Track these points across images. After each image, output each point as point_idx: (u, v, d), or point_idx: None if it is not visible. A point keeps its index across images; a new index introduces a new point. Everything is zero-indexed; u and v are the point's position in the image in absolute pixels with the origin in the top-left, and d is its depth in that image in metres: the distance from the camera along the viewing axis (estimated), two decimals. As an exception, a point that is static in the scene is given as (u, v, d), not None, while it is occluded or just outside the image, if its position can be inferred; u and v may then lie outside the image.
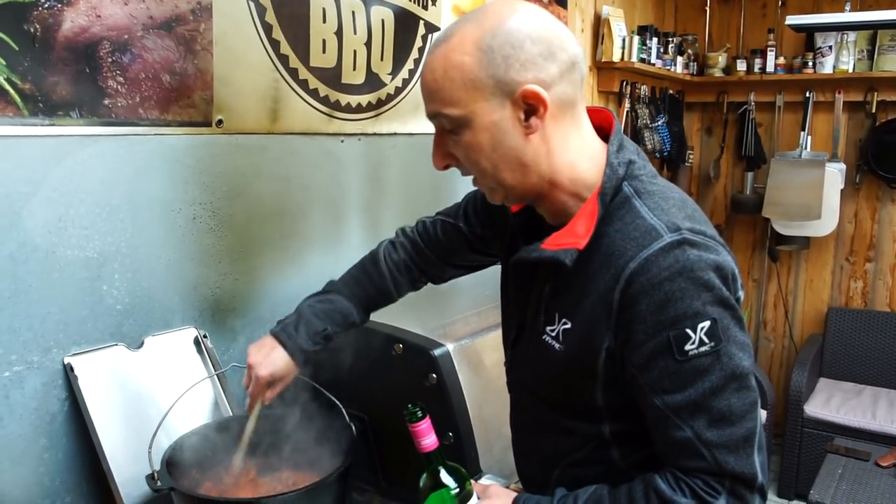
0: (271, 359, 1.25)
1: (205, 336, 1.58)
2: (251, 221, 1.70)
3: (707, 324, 0.89)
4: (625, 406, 0.98)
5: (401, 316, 1.62)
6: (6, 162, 1.25)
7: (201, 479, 1.36)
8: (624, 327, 0.93)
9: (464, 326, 1.62)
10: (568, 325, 1.00)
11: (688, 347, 0.89)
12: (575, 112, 0.98)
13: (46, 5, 1.25)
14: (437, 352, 1.36)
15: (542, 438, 1.12)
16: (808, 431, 3.37)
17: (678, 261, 0.90)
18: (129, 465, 1.33)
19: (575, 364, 0.99)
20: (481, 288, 1.70)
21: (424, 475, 1.01)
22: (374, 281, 1.34)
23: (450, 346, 1.42)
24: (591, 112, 1.06)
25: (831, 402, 3.42)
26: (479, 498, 1.03)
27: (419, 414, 0.99)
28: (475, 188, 1.07)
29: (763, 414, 3.14)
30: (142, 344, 1.48)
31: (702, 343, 0.89)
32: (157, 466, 1.23)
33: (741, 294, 0.98)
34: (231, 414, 1.55)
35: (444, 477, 1.00)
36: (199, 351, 1.57)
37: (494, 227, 1.27)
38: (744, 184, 3.91)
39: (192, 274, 1.58)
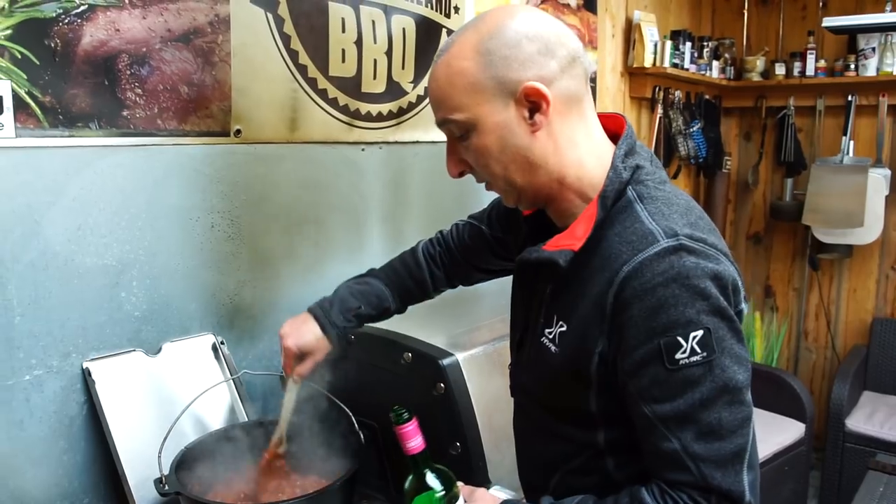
0: (300, 331, 1.27)
1: (222, 343, 1.61)
2: (270, 230, 1.72)
3: (700, 333, 0.87)
4: (618, 414, 0.97)
5: (424, 320, 1.63)
6: (27, 172, 1.29)
7: (213, 482, 1.38)
8: (617, 332, 0.92)
9: (487, 333, 1.61)
10: (564, 328, 0.99)
11: (678, 356, 0.87)
12: (581, 108, 0.99)
13: (66, 20, 1.30)
14: (445, 361, 1.36)
15: (541, 444, 1.11)
16: (849, 447, 3.25)
17: (673, 267, 0.88)
18: (143, 468, 1.36)
19: (569, 367, 0.99)
20: (507, 294, 1.69)
21: (410, 478, 1.00)
22: (411, 271, 1.37)
23: (460, 356, 1.41)
24: (606, 118, 1.06)
25: (875, 417, 3.30)
26: (465, 501, 1.02)
27: (405, 416, 0.98)
28: None
29: (801, 427, 3.06)
30: (160, 350, 1.51)
31: (693, 352, 0.87)
32: (167, 471, 1.25)
33: (744, 307, 0.95)
34: (246, 419, 1.56)
35: (430, 479, 0.99)
36: (217, 357, 1.60)
37: (512, 231, 1.28)
38: (783, 190, 3.81)
39: (210, 281, 1.60)
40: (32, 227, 1.30)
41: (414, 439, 0.99)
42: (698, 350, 0.87)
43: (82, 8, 1.31)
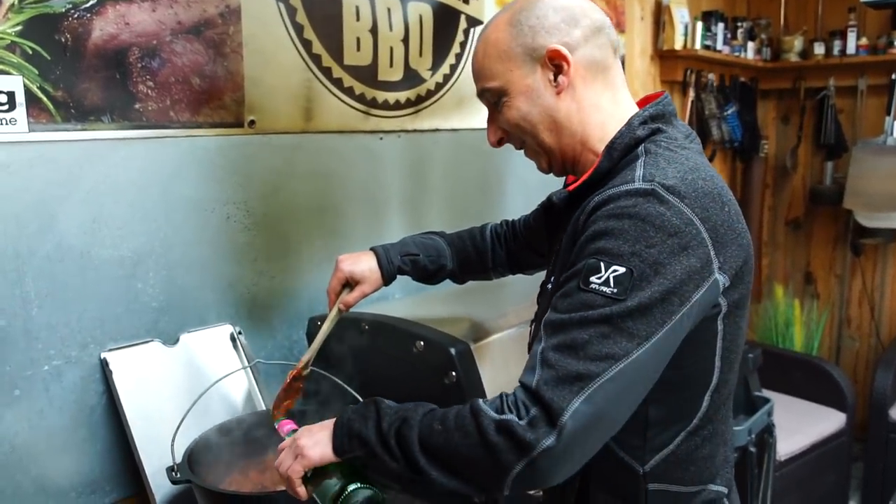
0: (358, 259, 1.30)
1: (240, 333, 1.62)
2: (287, 220, 1.73)
3: (622, 270, 0.86)
4: None
5: (449, 308, 1.64)
6: (41, 166, 1.31)
7: (228, 470, 1.39)
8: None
9: (509, 320, 1.58)
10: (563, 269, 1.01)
11: (592, 279, 0.87)
12: (608, 76, 1.04)
13: (76, 15, 1.31)
14: (455, 349, 1.34)
15: None
16: (894, 437, 3.15)
17: (636, 206, 0.89)
18: (160, 457, 1.37)
19: None
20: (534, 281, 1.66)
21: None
22: (475, 242, 1.41)
23: (473, 344, 1.40)
24: (650, 97, 1.07)
25: (921, 406, 3.19)
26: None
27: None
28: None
29: (842, 417, 2.96)
30: (177, 340, 1.52)
31: (606, 283, 0.86)
32: (180, 459, 1.26)
33: (718, 277, 0.91)
34: (264, 408, 1.57)
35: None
36: (235, 347, 1.61)
37: None
38: (823, 174, 3.69)
39: (227, 272, 1.61)
40: (48, 220, 1.32)
41: None
42: (611, 283, 0.86)
43: (91, 2, 1.32)
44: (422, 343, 1.39)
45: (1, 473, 1.31)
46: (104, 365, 1.41)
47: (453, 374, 1.34)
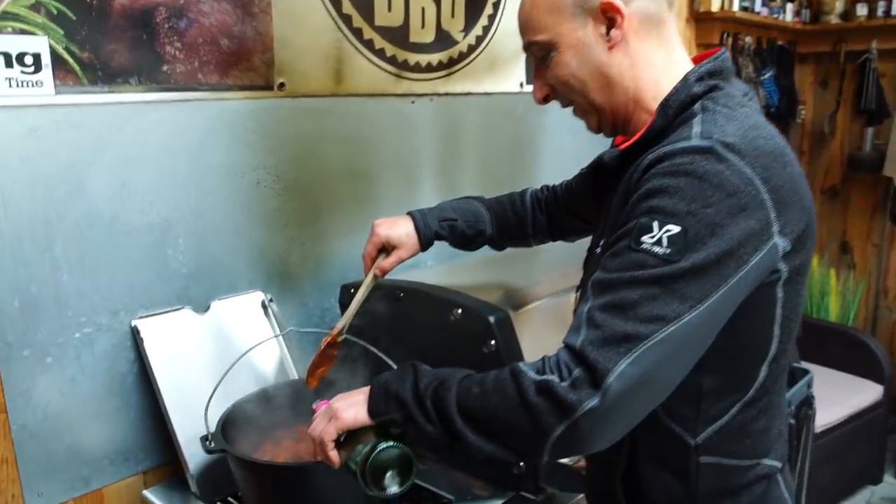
0: (394, 223, 1.27)
1: (271, 300, 1.59)
2: (318, 185, 1.69)
3: (677, 230, 0.81)
4: None
5: (483, 276, 1.61)
6: (69, 130, 1.28)
7: (262, 439, 1.37)
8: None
9: (546, 287, 1.53)
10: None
11: (644, 239, 0.82)
12: (662, 31, 0.99)
13: (102, -28, 1.26)
14: (494, 317, 1.30)
15: None
16: (932, 410, 3.08)
17: (693, 163, 0.83)
18: (192, 426, 1.36)
19: None
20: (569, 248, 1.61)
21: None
22: (515, 207, 1.37)
23: (513, 312, 1.36)
24: (706, 54, 1.01)
25: (961, 379, 3.11)
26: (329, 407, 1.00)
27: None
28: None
29: (879, 389, 2.89)
30: (208, 307, 1.50)
31: (659, 243, 0.81)
32: (213, 428, 1.24)
33: (778, 241, 0.85)
34: (296, 376, 1.55)
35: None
36: (266, 315, 1.58)
37: None
38: (863, 140, 3.57)
39: (257, 238, 1.58)
40: (76, 185, 1.30)
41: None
42: (664, 243, 0.81)
43: (117, -42, 1.28)
44: (459, 311, 1.35)
45: (35, 441, 1.30)
46: (135, 332, 1.39)
47: (492, 342, 1.30)
